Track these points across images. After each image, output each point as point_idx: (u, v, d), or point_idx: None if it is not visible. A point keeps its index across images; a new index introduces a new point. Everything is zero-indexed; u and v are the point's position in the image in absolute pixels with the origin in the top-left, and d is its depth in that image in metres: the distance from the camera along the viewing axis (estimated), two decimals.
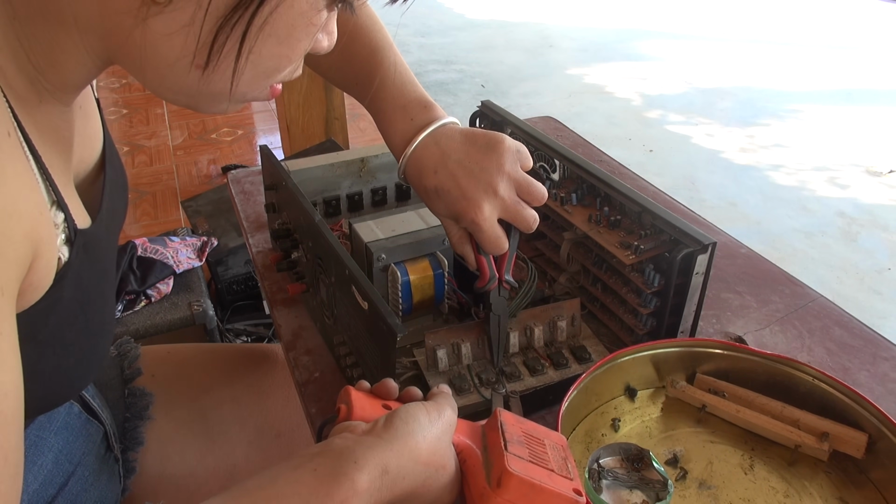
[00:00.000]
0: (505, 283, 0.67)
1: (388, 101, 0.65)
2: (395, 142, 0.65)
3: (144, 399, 0.79)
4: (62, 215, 0.45)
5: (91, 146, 0.57)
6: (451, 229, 0.64)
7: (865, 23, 5.51)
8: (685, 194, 2.82)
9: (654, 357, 0.66)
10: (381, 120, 0.66)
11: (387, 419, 0.44)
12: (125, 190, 0.63)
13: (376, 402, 0.49)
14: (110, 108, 3.45)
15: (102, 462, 0.70)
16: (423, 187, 0.62)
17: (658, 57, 4.63)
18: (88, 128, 0.57)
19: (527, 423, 0.51)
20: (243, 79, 0.43)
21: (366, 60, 0.67)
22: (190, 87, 0.44)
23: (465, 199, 0.59)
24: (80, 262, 0.46)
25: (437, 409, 0.46)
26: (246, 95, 0.46)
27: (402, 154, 0.64)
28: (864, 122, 3.60)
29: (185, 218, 2.25)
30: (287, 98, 2.23)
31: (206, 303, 1.56)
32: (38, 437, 0.62)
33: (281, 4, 0.41)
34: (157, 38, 0.41)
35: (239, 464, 0.80)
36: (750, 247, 0.92)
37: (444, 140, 0.61)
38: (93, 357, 0.54)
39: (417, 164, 0.62)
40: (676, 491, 0.58)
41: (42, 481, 0.61)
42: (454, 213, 0.61)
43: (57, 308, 0.44)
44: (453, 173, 0.60)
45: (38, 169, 0.42)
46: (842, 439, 0.59)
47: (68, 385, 0.53)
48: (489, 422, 0.50)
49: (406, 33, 4.90)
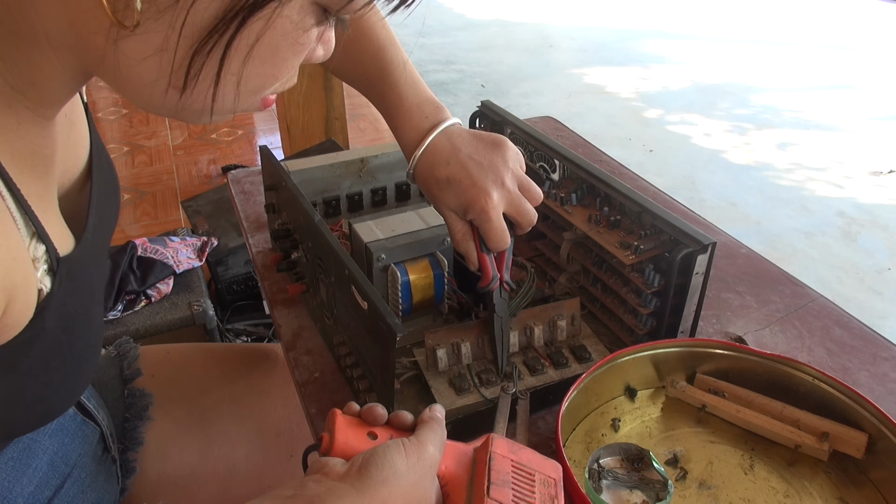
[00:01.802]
0: (505, 284, 0.67)
1: (404, 99, 0.67)
2: (409, 136, 0.67)
3: (144, 399, 0.78)
4: (43, 247, 0.43)
5: (77, 154, 0.56)
6: (456, 225, 0.64)
7: (865, 23, 5.51)
8: (685, 194, 2.82)
9: (654, 357, 0.66)
10: (396, 116, 0.67)
11: (362, 463, 0.42)
12: (116, 193, 0.62)
13: (361, 430, 0.47)
14: (110, 108, 3.45)
15: (99, 463, 0.70)
16: (435, 178, 0.64)
17: (658, 57, 4.63)
18: (74, 135, 0.55)
19: (520, 453, 0.48)
20: (227, 97, 0.42)
21: (374, 57, 0.68)
22: (171, 105, 0.42)
23: (475, 188, 0.62)
24: (64, 290, 0.45)
25: (417, 450, 0.44)
26: (234, 110, 0.44)
27: (415, 148, 0.66)
28: (864, 122, 3.60)
29: (185, 218, 2.25)
30: (287, 98, 2.23)
31: (206, 303, 1.56)
32: (33, 440, 0.62)
33: (263, 28, 0.39)
34: (131, 60, 0.39)
35: (239, 464, 0.80)
36: (750, 247, 0.92)
37: (455, 136, 0.65)
38: (78, 378, 0.53)
39: (431, 157, 0.65)
40: (676, 491, 0.58)
41: (37, 484, 0.61)
42: (464, 202, 0.62)
43: (40, 338, 0.43)
44: (464, 164, 0.63)
45: (15, 204, 0.41)
46: (842, 439, 0.59)
47: (52, 408, 0.52)
48: (481, 447, 0.48)
49: (406, 33, 4.88)
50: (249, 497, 0.42)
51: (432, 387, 0.65)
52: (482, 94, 3.89)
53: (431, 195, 0.66)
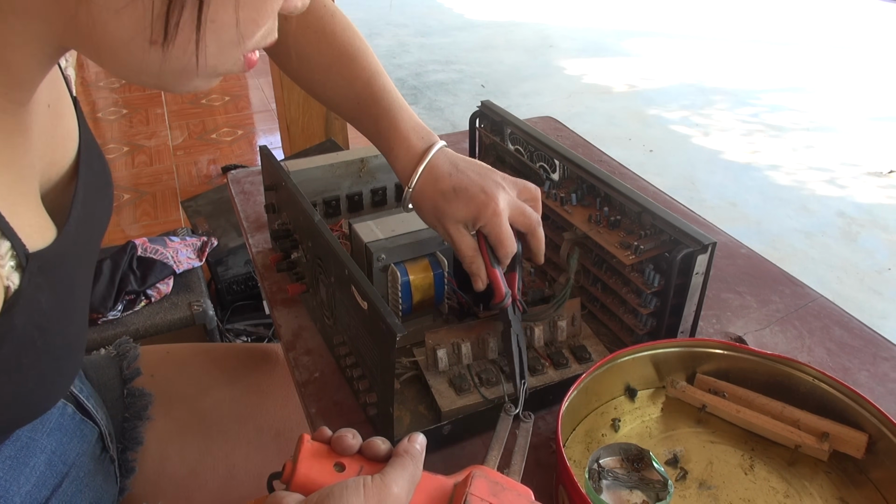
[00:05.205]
0: (518, 303, 0.66)
1: (400, 122, 0.68)
2: (407, 156, 0.67)
3: (143, 399, 0.79)
4: (7, 243, 0.41)
5: (64, 147, 0.54)
6: (465, 240, 0.64)
7: (865, 23, 5.51)
8: (685, 194, 2.82)
9: (654, 357, 0.66)
10: (391, 138, 0.68)
11: (316, 503, 0.39)
12: (108, 190, 0.61)
13: (329, 460, 0.43)
14: (110, 107, 3.45)
15: (97, 463, 0.69)
16: (441, 191, 0.64)
17: (658, 57, 4.63)
18: (60, 128, 0.53)
19: (503, 496, 0.44)
20: (209, 51, 0.40)
21: (367, 83, 0.69)
22: (151, 66, 0.40)
23: (483, 193, 0.63)
24: (35, 286, 0.43)
25: (378, 491, 0.40)
26: (217, 69, 0.42)
27: (415, 167, 0.66)
28: (864, 122, 3.60)
29: (185, 218, 2.25)
30: (287, 98, 2.24)
31: (206, 303, 1.56)
32: (31, 438, 0.61)
33: None
34: (105, 15, 0.37)
35: (238, 464, 0.80)
36: (750, 247, 0.92)
37: (449, 154, 0.67)
38: (58, 378, 0.51)
39: (433, 172, 0.65)
40: (676, 491, 0.58)
41: (35, 483, 0.61)
42: (474, 208, 0.62)
43: (9, 337, 0.42)
44: (466, 173, 0.65)
45: None
46: (842, 439, 0.59)
47: (30, 408, 0.50)
48: (461, 484, 0.45)
49: (406, 33, 4.90)
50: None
51: (432, 387, 0.65)
52: (482, 94, 3.89)
53: (437, 211, 0.65)
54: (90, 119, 3.35)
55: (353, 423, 0.65)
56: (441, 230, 0.66)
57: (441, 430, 0.61)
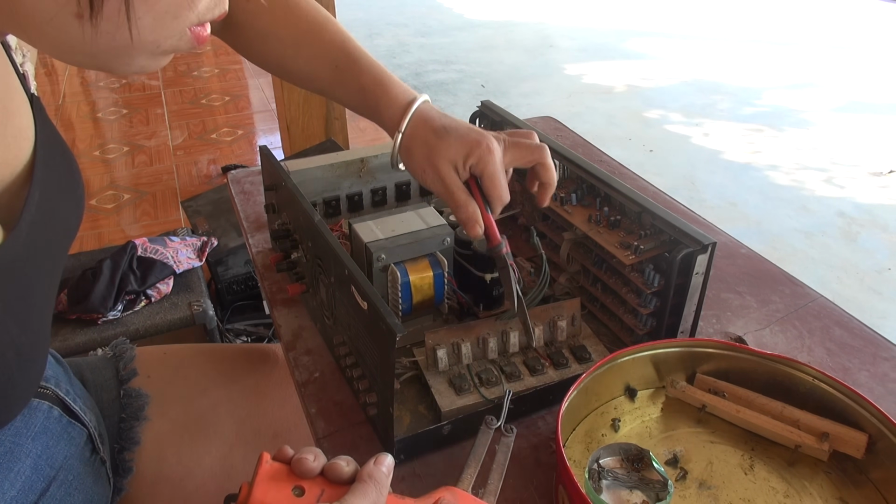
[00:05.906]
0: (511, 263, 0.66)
1: (382, 74, 0.68)
2: (396, 104, 0.66)
3: (140, 399, 0.78)
4: None
5: (18, 146, 0.51)
6: (456, 183, 0.63)
7: (865, 23, 5.51)
8: (685, 194, 2.82)
9: (654, 357, 0.66)
10: (376, 90, 0.67)
11: None
12: (74, 192, 0.57)
13: (287, 483, 0.41)
14: (110, 108, 3.45)
15: (87, 465, 0.68)
16: (433, 129, 0.64)
17: (658, 57, 4.63)
18: (11, 126, 0.51)
19: None
20: (144, 24, 0.37)
21: (341, 46, 0.69)
22: (83, 43, 0.37)
23: (475, 132, 0.63)
24: None
25: None
26: (160, 45, 0.39)
27: (405, 111, 0.65)
28: (864, 122, 3.60)
29: (185, 218, 2.25)
30: (287, 98, 2.24)
31: (206, 303, 1.56)
32: (14, 443, 0.60)
33: None
34: None
35: (236, 464, 0.80)
36: (750, 247, 0.92)
37: (437, 108, 0.67)
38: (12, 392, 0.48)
39: (423, 116, 0.65)
40: (676, 491, 0.58)
41: (20, 488, 0.60)
42: (466, 144, 0.62)
43: None
44: (456, 119, 0.65)
45: None
46: (842, 439, 0.59)
47: None
48: None
49: (406, 33, 4.90)
50: None
51: (432, 387, 0.65)
52: (482, 94, 3.89)
53: (429, 150, 0.63)
54: (90, 119, 3.35)
55: (354, 423, 0.65)
56: (432, 175, 0.63)
57: (441, 430, 0.61)
